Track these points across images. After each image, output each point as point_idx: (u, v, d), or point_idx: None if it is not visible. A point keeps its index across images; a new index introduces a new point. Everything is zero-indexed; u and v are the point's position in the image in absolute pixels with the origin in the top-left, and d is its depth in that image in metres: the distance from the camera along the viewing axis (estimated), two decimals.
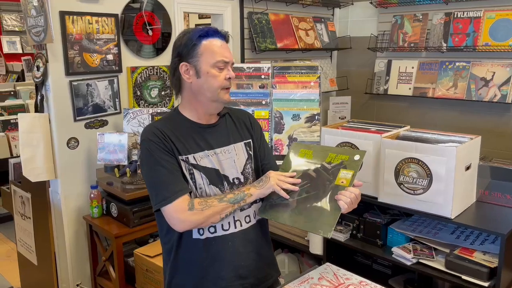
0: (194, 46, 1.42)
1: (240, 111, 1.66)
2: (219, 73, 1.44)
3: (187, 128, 1.48)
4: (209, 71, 1.42)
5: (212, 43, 1.43)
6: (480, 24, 3.07)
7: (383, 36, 3.61)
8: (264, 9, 3.29)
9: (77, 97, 2.45)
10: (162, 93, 2.81)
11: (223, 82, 1.44)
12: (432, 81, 3.31)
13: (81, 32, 2.41)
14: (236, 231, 1.48)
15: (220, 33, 1.45)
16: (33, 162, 2.37)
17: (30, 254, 2.76)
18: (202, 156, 1.46)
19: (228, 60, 1.45)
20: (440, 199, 1.99)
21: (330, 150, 1.54)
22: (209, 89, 1.44)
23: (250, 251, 1.51)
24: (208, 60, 1.42)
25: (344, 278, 1.51)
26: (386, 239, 2.29)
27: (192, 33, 1.44)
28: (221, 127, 1.54)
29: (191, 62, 1.43)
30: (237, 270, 1.48)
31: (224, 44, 1.46)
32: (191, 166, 1.44)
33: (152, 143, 1.41)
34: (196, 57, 1.42)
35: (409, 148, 2.05)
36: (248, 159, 1.56)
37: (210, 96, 1.45)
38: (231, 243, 1.47)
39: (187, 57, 1.43)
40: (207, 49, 1.42)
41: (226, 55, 1.45)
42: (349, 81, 3.90)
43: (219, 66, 1.43)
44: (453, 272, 1.99)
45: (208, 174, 1.46)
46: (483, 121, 3.16)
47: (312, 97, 2.77)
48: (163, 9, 2.77)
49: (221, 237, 1.46)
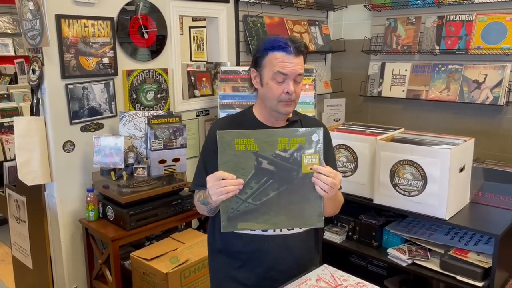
0: (261, 57, 1.48)
1: (314, 121, 1.69)
2: (277, 85, 1.46)
3: (252, 127, 1.54)
4: (268, 82, 1.47)
5: (275, 56, 1.45)
6: (472, 27, 3.11)
7: (377, 39, 3.64)
8: (259, 12, 3.31)
9: (73, 100, 2.44)
10: (158, 96, 2.81)
11: (281, 95, 1.46)
12: (425, 84, 3.35)
13: (77, 36, 2.41)
14: (274, 235, 1.53)
15: (286, 47, 1.44)
16: (29, 166, 2.36)
17: (25, 258, 2.75)
18: None
19: (286, 73, 1.44)
20: (435, 201, 2.02)
21: (276, 135, 1.32)
22: (268, 99, 1.50)
23: (287, 256, 1.55)
24: (268, 72, 1.47)
25: (342, 280, 1.52)
26: (382, 241, 2.31)
27: (264, 43, 1.49)
28: None
29: (259, 71, 1.50)
30: (270, 271, 1.55)
31: (288, 58, 1.44)
32: None
33: (207, 141, 1.59)
34: (261, 67, 1.49)
35: (404, 150, 2.08)
36: None
37: (270, 106, 1.51)
38: (267, 245, 1.53)
39: (256, 64, 1.50)
40: (269, 61, 1.46)
41: (286, 68, 1.44)
42: (343, 84, 3.92)
43: (276, 79, 1.45)
44: (447, 272, 2.02)
45: None
46: (475, 123, 3.20)
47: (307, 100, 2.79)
48: (158, 12, 2.78)
49: (258, 236, 1.52)
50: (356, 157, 2.27)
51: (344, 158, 2.30)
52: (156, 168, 2.45)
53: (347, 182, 2.31)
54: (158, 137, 2.44)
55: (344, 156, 2.30)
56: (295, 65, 1.45)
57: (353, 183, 2.30)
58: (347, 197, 2.32)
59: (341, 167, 2.31)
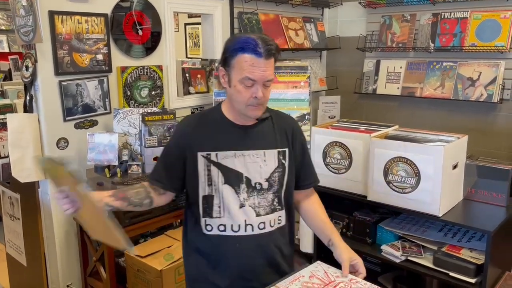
0: (230, 57, 1.42)
1: (286, 118, 1.65)
2: (246, 89, 1.41)
3: (221, 125, 1.52)
4: (236, 85, 1.43)
5: (245, 59, 1.39)
6: (467, 24, 3.12)
7: (372, 36, 3.65)
8: (254, 9, 3.30)
9: (67, 97, 2.43)
10: (152, 93, 2.81)
11: (249, 99, 1.42)
12: (419, 81, 3.36)
13: (70, 32, 2.40)
14: (246, 235, 1.50)
15: (257, 50, 1.38)
16: (22, 163, 2.35)
17: (20, 255, 2.74)
18: (227, 155, 1.49)
19: (255, 79, 1.39)
20: (428, 198, 2.03)
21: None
22: (236, 102, 1.46)
23: (258, 256, 1.53)
24: (236, 74, 1.42)
25: (335, 276, 1.53)
26: (376, 237, 2.32)
27: (234, 42, 1.43)
28: (256, 131, 1.54)
29: (227, 70, 1.45)
30: (242, 272, 1.52)
31: (258, 62, 1.38)
32: (210, 163, 1.49)
33: (173, 137, 1.61)
34: (230, 67, 1.43)
35: (397, 147, 2.08)
36: (279, 167, 1.55)
37: (238, 108, 1.48)
38: (239, 245, 1.50)
39: (225, 63, 1.45)
40: (238, 63, 1.40)
41: (255, 73, 1.39)
42: (339, 81, 3.93)
43: (245, 83, 1.41)
44: (440, 269, 2.02)
45: (226, 173, 1.49)
46: (469, 120, 3.21)
47: (302, 97, 2.80)
48: (152, 8, 2.77)
49: (229, 236, 1.50)
50: (350, 154, 2.27)
51: (338, 155, 2.31)
52: (150, 165, 2.44)
53: (341, 179, 2.31)
54: (153, 134, 2.44)
55: (338, 153, 2.31)
56: (264, 70, 1.39)
57: (347, 180, 2.30)
58: (341, 194, 2.34)
59: (335, 164, 2.32)
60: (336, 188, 2.34)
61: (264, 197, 1.52)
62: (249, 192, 1.50)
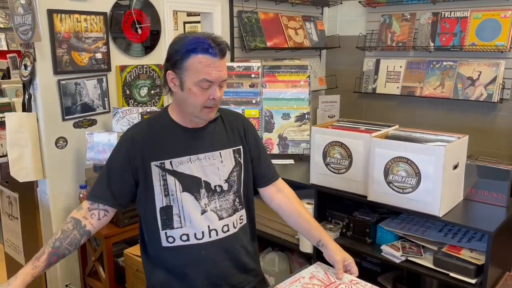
0: (181, 59, 1.36)
1: (235, 116, 1.61)
2: (202, 92, 1.37)
3: (171, 131, 1.46)
4: (192, 88, 1.37)
5: (199, 60, 1.34)
6: (467, 24, 3.11)
7: (372, 35, 3.64)
8: (253, 8, 3.29)
9: (66, 96, 2.42)
10: (151, 92, 2.80)
11: (206, 101, 1.38)
12: (419, 80, 3.35)
13: (69, 31, 2.38)
14: (211, 240, 1.46)
15: (211, 50, 1.34)
16: (21, 162, 2.34)
17: (18, 254, 2.73)
18: (182, 161, 1.44)
19: (213, 80, 1.36)
20: (429, 198, 2.02)
21: None
22: (190, 105, 1.41)
23: (224, 259, 1.49)
24: (191, 77, 1.36)
25: (335, 277, 1.52)
26: (375, 237, 2.31)
27: (183, 43, 1.37)
28: (208, 132, 1.50)
29: (177, 73, 1.38)
30: (210, 278, 1.48)
31: (214, 62, 1.35)
32: (164, 172, 1.43)
33: (120, 148, 1.48)
34: (181, 70, 1.37)
35: (398, 147, 2.07)
36: (236, 166, 1.53)
37: (191, 112, 1.42)
38: (204, 252, 1.46)
39: (174, 67, 1.38)
40: (192, 65, 1.35)
41: (212, 75, 1.35)
42: (338, 80, 3.92)
43: (201, 86, 1.36)
44: (441, 269, 2.02)
45: (183, 180, 1.44)
46: (469, 120, 3.21)
47: (302, 96, 2.78)
48: (152, 7, 2.75)
49: (193, 245, 1.45)
50: (350, 154, 2.27)
51: (339, 155, 2.30)
52: None
53: (341, 179, 2.31)
54: None
55: (338, 153, 2.30)
56: (220, 70, 1.37)
57: (347, 180, 2.29)
58: (341, 194, 2.33)
59: (335, 164, 2.31)
60: (336, 188, 2.33)
61: (225, 199, 1.49)
62: (210, 196, 1.46)
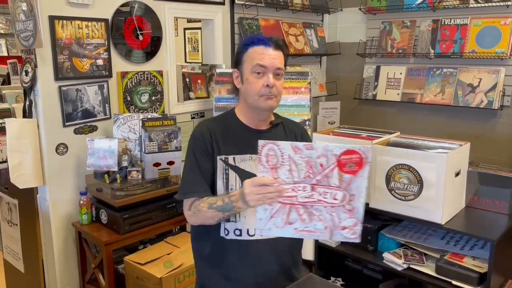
0: (241, 53, 1.49)
1: (295, 124, 1.69)
2: (257, 79, 1.45)
3: (237, 129, 1.53)
4: (248, 77, 1.46)
5: (255, 50, 1.45)
6: (467, 31, 3.12)
7: (372, 42, 3.65)
8: (254, 14, 3.30)
9: (66, 102, 2.41)
10: (152, 98, 2.79)
11: (261, 89, 1.44)
12: (420, 87, 3.35)
13: (70, 37, 2.38)
14: (262, 239, 1.48)
15: (265, 40, 1.46)
16: (21, 169, 2.33)
17: (17, 261, 2.71)
18: (244, 158, 1.50)
19: (265, 65, 1.43)
20: (431, 205, 2.02)
21: None
22: (249, 95, 1.48)
23: (273, 262, 1.53)
24: (248, 67, 1.46)
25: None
26: (377, 245, 2.31)
27: (243, 41, 1.52)
28: (270, 134, 1.55)
29: (239, 69, 1.50)
30: (256, 277, 1.51)
31: (267, 50, 1.45)
32: (227, 166, 1.49)
33: (196, 141, 1.51)
34: (242, 63, 1.49)
35: (400, 154, 2.07)
36: None
37: (251, 102, 1.49)
38: (254, 249, 1.50)
39: (237, 64, 1.51)
40: (249, 56, 1.46)
41: (265, 60, 1.44)
42: (338, 87, 3.92)
43: (256, 71, 1.44)
44: (443, 277, 2.01)
45: (243, 176, 1.48)
46: (470, 127, 3.21)
47: (303, 103, 2.79)
48: (153, 13, 2.75)
49: (245, 241, 1.49)
50: None
51: None
52: (150, 171, 2.43)
53: None
54: (153, 140, 2.42)
55: None
56: (273, 58, 1.45)
57: None
58: None
59: None
60: None
61: None
62: None
